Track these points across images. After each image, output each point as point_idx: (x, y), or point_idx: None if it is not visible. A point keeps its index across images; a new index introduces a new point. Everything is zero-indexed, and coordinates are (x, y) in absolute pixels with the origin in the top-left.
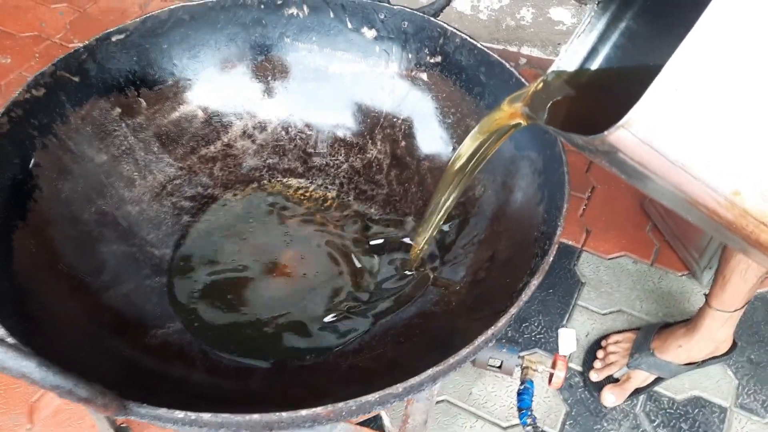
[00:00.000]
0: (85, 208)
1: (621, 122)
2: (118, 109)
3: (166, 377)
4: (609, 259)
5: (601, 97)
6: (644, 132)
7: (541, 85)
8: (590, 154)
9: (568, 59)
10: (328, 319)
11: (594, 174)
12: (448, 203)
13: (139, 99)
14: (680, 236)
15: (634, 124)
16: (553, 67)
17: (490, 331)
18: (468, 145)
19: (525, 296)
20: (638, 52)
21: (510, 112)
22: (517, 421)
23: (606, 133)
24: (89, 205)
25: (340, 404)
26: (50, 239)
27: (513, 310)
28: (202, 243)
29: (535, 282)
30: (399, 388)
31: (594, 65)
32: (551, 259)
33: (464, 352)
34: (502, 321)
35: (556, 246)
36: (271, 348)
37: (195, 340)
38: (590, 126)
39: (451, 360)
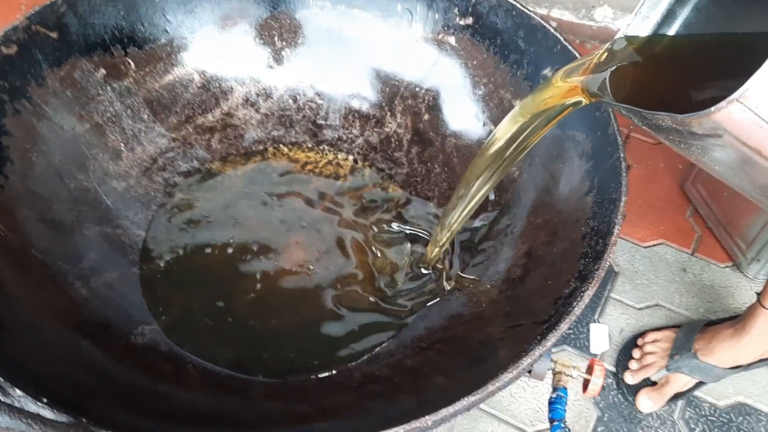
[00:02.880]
0: (63, 184)
1: (735, 95)
2: (103, 71)
3: (150, 391)
4: (645, 247)
5: (681, 71)
6: (767, 107)
7: (605, 55)
8: (676, 139)
9: (638, 24)
10: (343, 322)
11: (629, 152)
12: (478, 196)
13: (127, 59)
14: (725, 223)
15: (754, 96)
16: (620, 34)
17: (537, 351)
18: (506, 128)
19: (578, 309)
20: (726, 15)
21: (566, 88)
22: (543, 426)
23: (713, 109)
24: (68, 181)
25: None
26: (22, 220)
27: (564, 326)
28: (196, 226)
29: (590, 291)
30: (429, 420)
31: (671, 31)
32: (607, 263)
33: (507, 377)
34: (551, 339)
35: (614, 247)
36: (273, 358)
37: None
38: (669, 106)
39: (491, 387)
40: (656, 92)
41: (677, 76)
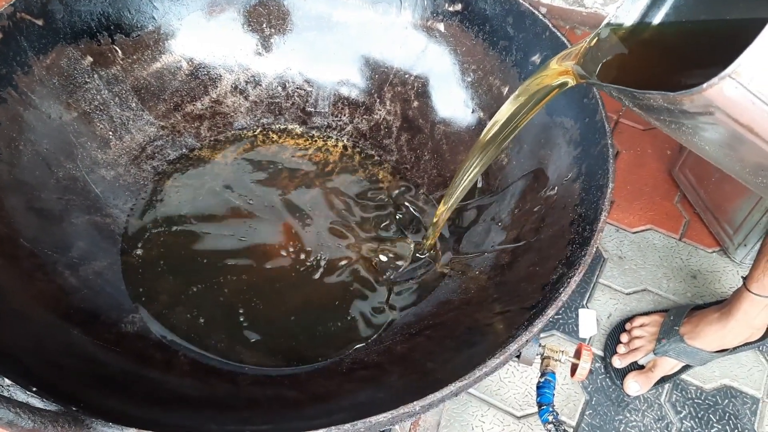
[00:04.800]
0: (51, 173)
1: (727, 71)
2: (90, 58)
3: (141, 378)
4: (634, 232)
5: (669, 55)
6: (759, 83)
7: (594, 41)
8: (667, 119)
9: (625, 11)
10: (335, 311)
11: (618, 138)
12: (467, 179)
13: (114, 47)
14: (712, 209)
15: (746, 72)
16: (608, 20)
17: (524, 337)
18: (505, 111)
19: (564, 294)
20: (714, 1)
21: (558, 71)
22: (532, 410)
23: (705, 85)
24: (56, 170)
25: (346, 426)
26: (10, 209)
27: (550, 312)
28: (186, 213)
29: (576, 277)
30: (416, 406)
31: (658, 18)
32: (594, 250)
33: (494, 362)
34: (538, 325)
35: (600, 234)
36: (264, 351)
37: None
38: (658, 87)
39: (478, 372)
40: (645, 75)
41: (666, 60)
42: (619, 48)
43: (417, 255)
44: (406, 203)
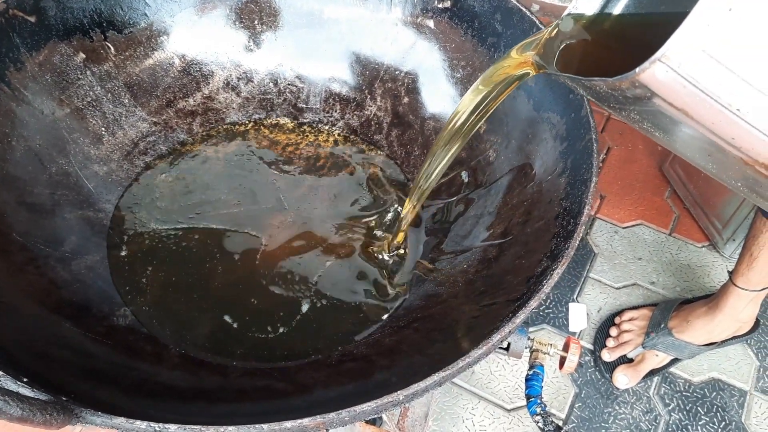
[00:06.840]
0: (43, 168)
1: (657, 54)
2: (82, 55)
3: (132, 370)
4: (624, 227)
5: (627, 46)
6: (688, 66)
7: (555, 31)
8: (616, 106)
9: (587, 1)
10: (324, 307)
11: (610, 133)
12: (437, 171)
13: (107, 43)
14: (702, 204)
15: (675, 55)
16: (569, 10)
17: (507, 328)
18: (468, 101)
19: (547, 287)
20: None
21: (519, 60)
22: (522, 402)
23: (638, 70)
24: (49, 165)
25: (331, 414)
26: (2, 204)
27: (533, 303)
28: (177, 208)
29: (559, 270)
30: (400, 395)
31: (617, 8)
32: (577, 243)
33: (476, 353)
34: (521, 317)
35: (583, 227)
36: (252, 343)
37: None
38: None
39: (461, 363)
40: (604, 65)
41: (625, 49)
42: (579, 38)
43: (385, 256)
44: (387, 197)
